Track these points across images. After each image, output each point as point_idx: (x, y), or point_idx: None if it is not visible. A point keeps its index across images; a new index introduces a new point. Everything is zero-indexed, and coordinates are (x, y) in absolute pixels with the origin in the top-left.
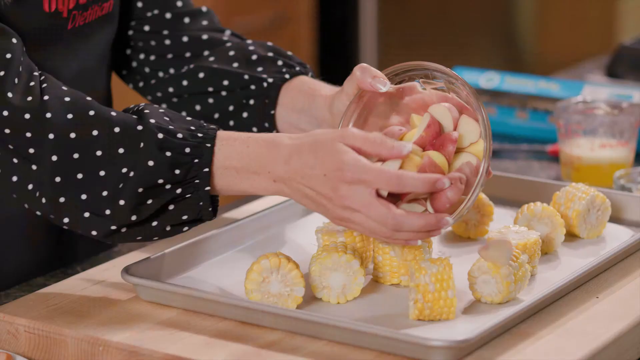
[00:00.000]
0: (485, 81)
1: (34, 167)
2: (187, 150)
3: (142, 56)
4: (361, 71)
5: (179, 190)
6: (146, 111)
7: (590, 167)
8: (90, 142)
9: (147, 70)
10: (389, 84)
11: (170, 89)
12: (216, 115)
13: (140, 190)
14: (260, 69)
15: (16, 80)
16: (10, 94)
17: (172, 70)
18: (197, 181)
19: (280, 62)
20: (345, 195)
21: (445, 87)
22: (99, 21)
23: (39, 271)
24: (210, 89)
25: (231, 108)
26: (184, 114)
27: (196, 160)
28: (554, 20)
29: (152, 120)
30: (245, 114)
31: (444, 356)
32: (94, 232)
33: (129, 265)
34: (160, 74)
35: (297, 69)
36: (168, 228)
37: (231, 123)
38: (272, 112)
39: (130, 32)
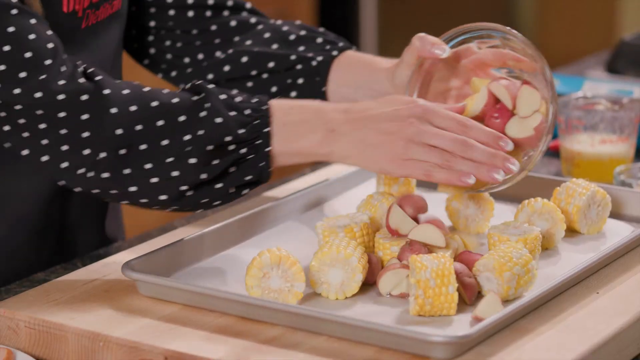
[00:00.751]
0: None
1: (86, 151)
2: (248, 111)
3: (167, 43)
4: (420, 41)
5: (242, 151)
6: (198, 82)
7: (591, 163)
8: (151, 114)
9: (169, 57)
10: (448, 48)
11: (210, 76)
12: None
13: (209, 148)
14: (302, 48)
15: (63, 68)
16: (62, 81)
17: (200, 56)
18: (258, 142)
19: (319, 40)
20: (414, 129)
21: (501, 43)
22: (110, 19)
23: (40, 267)
24: (254, 72)
25: (274, 89)
26: None
27: (257, 121)
28: (554, 16)
29: (211, 86)
30: (293, 94)
31: (444, 352)
32: (162, 197)
33: (130, 260)
34: (187, 60)
35: (341, 44)
36: (232, 190)
37: None
38: (324, 89)
39: (152, 23)
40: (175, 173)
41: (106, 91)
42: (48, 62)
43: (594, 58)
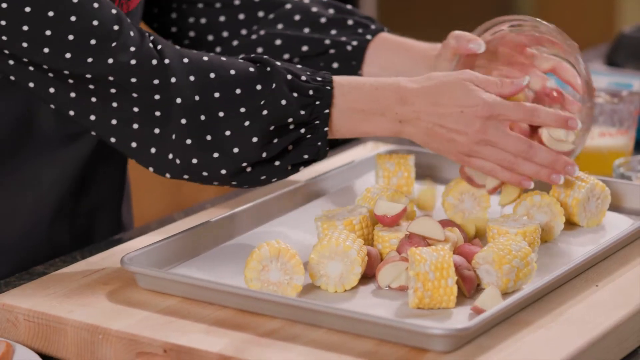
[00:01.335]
0: None
1: (157, 113)
2: (311, 92)
3: (191, 20)
4: (456, 39)
5: (302, 131)
6: (266, 56)
7: (590, 156)
8: (209, 84)
9: (192, 34)
10: (483, 43)
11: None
12: None
13: (271, 128)
14: (334, 31)
15: (132, 33)
16: (133, 48)
17: (225, 34)
18: (317, 122)
19: (350, 22)
20: (482, 129)
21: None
22: (138, 7)
23: (39, 259)
24: (287, 56)
25: None
26: None
27: (318, 102)
28: (553, 8)
29: (277, 64)
30: None
31: (444, 344)
32: (223, 171)
33: (129, 253)
34: (210, 37)
35: (373, 27)
36: (289, 167)
37: None
38: (360, 72)
39: (175, 4)
40: (236, 149)
41: (166, 60)
42: (116, 27)
43: (594, 51)
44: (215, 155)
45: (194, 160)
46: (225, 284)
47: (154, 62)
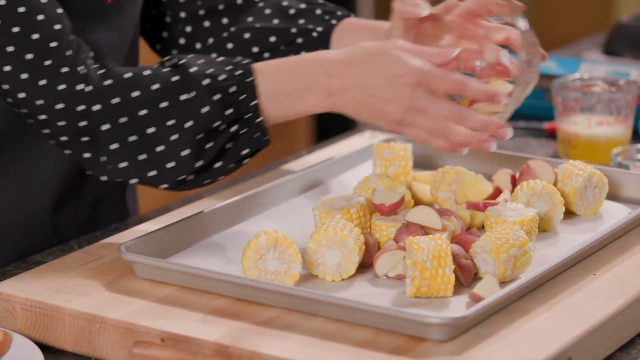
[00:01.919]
0: None
1: (85, 139)
2: (233, 89)
3: (179, 27)
4: (400, 2)
5: (234, 128)
6: (183, 61)
7: (588, 145)
8: (133, 104)
9: (182, 42)
10: (427, 6)
11: (214, 55)
12: None
13: (199, 137)
14: (302, 21)
15: (69, 52)
16: (65, 69)
17: (211, 40)
18: (248, 115)
19: (318, 11)
20: (410, 97)
21: None
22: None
23: (36, 248)
24: (256, 49)
25: None
26: None
27: (243, 97)
28: None
29: (193, 69)
30: None
31: (441, 333)
32: (164, 186)
33: (126, 242)
34: (198, 46)
35: (339, 13)
36: (231, 165)
37: None
38: None
39: (162, 9)
40: (170, 164)
41: (90, 87)
42: (54, 44)
43: (591, 40)
44: (152, 173)
45: (134, 180)
46: (223, 272)
47: (79, 87)
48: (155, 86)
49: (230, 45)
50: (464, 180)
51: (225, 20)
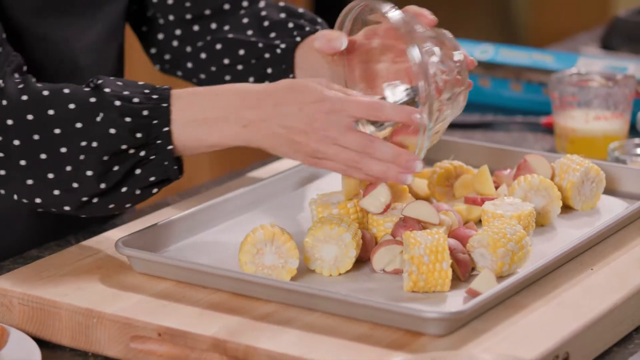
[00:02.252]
0: (479, 53)
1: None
2: (145, 113)
3: (170, 30)
4: (318, 41)
5: (142, 153)
6: (100, 81)
7: (585, 139)
8: (47, 122)
9: (175, 44)
10: (344, 38)
11: (189, 64)
12: None
13: (105, 158)
14: (273, 34)
15: None
16: None
17: (200, 44)
18: (159, 142)
19: (291, 25)
20: (322, 126)
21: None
22: None
23: (33, 243)
24: (226, 61)
25: (252, 80)
26: None
27: (155, 122)
28: None
29: (107, 90)
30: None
31: (438, 328)
32: (66, 208)
33: (123, 237)
34: (189, 49)
35: (307, 29)
36: (138, 192)
37: None
38: (292, 75)
39: (151, 12)
40: (75, 185)
41: (4, 102)
42: None
43: (588, 34)
44: (56, 192)
45: (38, 200)
46: (220, 267)
47: None
48: (72, 106)
49: (203, 55)
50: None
51: (214, 25)
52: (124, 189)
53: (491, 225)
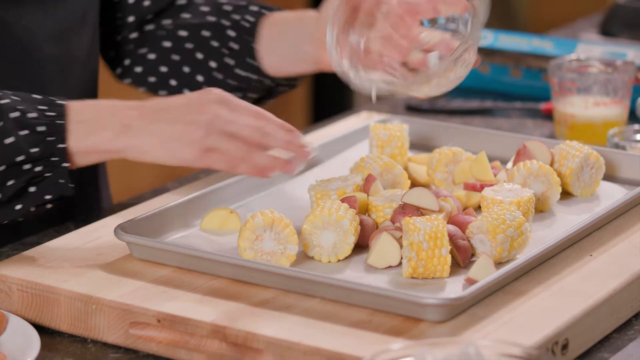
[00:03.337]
0: None
1: None
2: (42, 128)
3: (126, 33)
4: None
5: (38, 169)
6: (1, 92)
7: (584, 125)
8: None
9: (130, 47)
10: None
11: (152, 56)
12: (201, 78)
13: (1, 169)
14: (236, 16)
15: None
16: None
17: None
18: (54, 159)
19: (254, 8)
20: (214, 113)
21: None
22: None
23: (32, 230)
24: (190, 45)
25: (214, 65)
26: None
27: (50, 138)
28: None
29: (4, 101)
30: (231, 61)
31: (437, 314)
32: None
33: (122, 223)
34: (144, 50)
35: (272, 8)
36: (33, 209)
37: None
38: (254, 46)
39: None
40: None
41: None
42: None
43: (588, 20)
44: None
45: None
46: (219, 253)
47: None
48: None
49: (167, 44)
50: (476, 159)
51: (167, 22)
52: (18, 206)
53: (490, 211)
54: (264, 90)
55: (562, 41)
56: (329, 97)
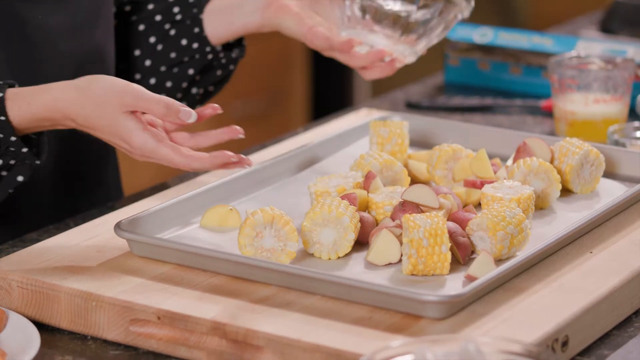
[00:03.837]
0: (479, 36)
1: None
2: None
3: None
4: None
5: (1, 162)
6: None
7: (584, 122)
8: None
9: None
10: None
11: (141, 27)
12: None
13: None
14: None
15: None
16: None
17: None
18: (12, 149)
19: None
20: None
21: None
22: None
23: (32, 227)
24: (142, 28)
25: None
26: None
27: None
28: None
29: None
30: (173, 32)
31: (437, 311)
32: None
33: (122, 220)
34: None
35: None
36: (10, 191)
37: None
38: (201, 16)
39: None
40: None
41: None
42: None
43: (588, 18)
44: None
45: None
46: (219, 250)
47: None
48: None
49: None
50: (476, 156)
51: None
52: None
53: (490, 208)
54: (205, 65)
55: (562, 38)
56: (328, 94)
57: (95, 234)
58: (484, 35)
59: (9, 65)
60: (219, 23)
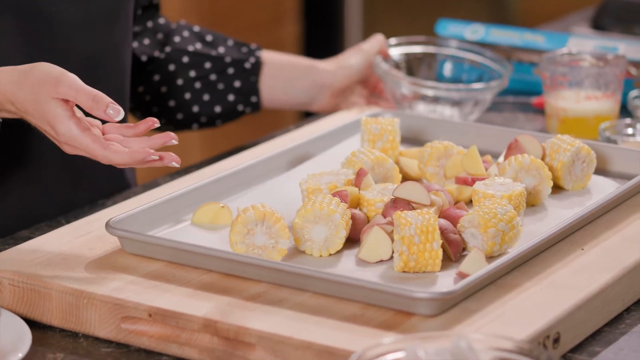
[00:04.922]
0: (470, 33)
1: None
2: None
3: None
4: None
5: None
6: None
7: (576, 119)
8: None
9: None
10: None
11: (156, 77)
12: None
13: None
14: (222, 49)
15: None
16: None
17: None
18: None
19: (230, 42)
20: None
21: None
22: None
23: (24, 224)
24: (193, 74)
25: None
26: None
27: None
28: None
29: None
30: (231, 97)
31: (429, 308)
32: None
33: (114, 217)
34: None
35: (252, 45)
36: None
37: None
38: (258, 85)
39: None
40: None
41: None
42: None
43: (579, 14)
44: None
45: None
46: (211, 248)
47: None
48: None
49: (172, 67)
50: (467, 153)
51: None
52: None
53: (482, 205)
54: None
55: (553, 35)
56: None
57: (87, 232)
58: (475, 32)
59: (22, 55)
60: (274, 98)
